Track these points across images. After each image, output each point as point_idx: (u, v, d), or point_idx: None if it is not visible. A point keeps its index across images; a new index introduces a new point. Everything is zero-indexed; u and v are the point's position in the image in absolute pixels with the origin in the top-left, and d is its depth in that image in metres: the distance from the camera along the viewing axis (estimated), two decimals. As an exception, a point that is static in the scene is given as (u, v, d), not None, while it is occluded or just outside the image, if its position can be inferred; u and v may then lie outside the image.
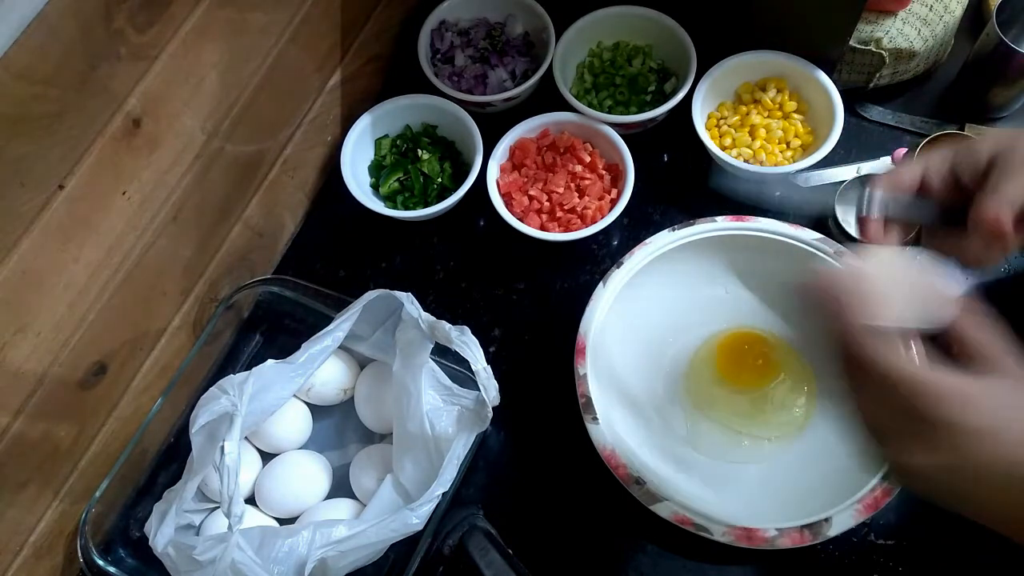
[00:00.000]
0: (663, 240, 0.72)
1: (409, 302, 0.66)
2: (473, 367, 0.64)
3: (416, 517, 0.61)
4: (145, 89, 0.62)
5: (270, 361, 0.66)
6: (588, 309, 0.71)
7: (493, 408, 0.67)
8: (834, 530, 0.60)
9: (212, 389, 0.63)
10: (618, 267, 0.72)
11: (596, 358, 0.69)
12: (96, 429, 0.70)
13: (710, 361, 0.74)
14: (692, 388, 0.74)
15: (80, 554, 0.67)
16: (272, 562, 0.60)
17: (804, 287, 0.48)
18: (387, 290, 0.68)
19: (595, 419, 0.66)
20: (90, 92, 0.57)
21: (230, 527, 0.58)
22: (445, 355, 0.70)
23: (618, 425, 0.68)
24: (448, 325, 0.64)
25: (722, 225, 0.72)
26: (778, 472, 0.69)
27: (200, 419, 0.61)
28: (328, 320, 0.69)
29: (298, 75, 0.79)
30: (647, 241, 0.73)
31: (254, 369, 0.65)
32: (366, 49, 0.88)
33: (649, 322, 0.74)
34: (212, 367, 0.78)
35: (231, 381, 0.63)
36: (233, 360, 0.79)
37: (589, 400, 0.67)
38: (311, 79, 0.82)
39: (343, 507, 0.70)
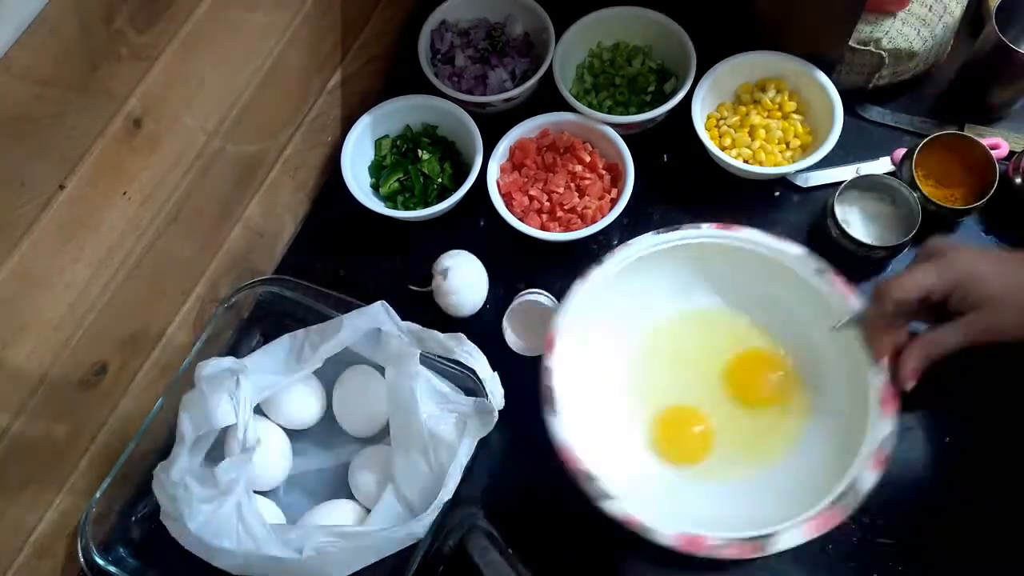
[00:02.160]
0: (646, 243, 0.72)
1: (385, 315, 0.65)
2: (480, 375, 0.64)
3: (421, 527, 0.62)
4: (145, 89, 0.62)
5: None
6: (563, 303, 0.71)
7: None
8: (780, 546, 0.59)
9: (209, 362, 0.66)
10: (598, 265, 0.72)
11: (566, 353, 0.69)
12: (96, 429, 0.70)
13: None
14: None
15: (80, 554, 0.67)
16: (275, 543, 0.61)
17: None
18: (360, 307, 0.67)
19: (555, 412, 0.66)
20: (90, 92, 0.57)
21: (244, 450, 0.60)
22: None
23: (580, 421, 0.68)
24: (442, 335, 0.64)
25: (706, 232, 0.72)
26: (733, 484, 0.69)
27: (206, 369, 0.64)
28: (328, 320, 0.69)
29: (298, 75, 0.79)
30: (630, 242, 0.72)
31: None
32: (366, 49, 0.88)
33: (623, 323, 0.75)
34: (212, 367, 0.78)
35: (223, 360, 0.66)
36: (233, 360, 0.79)
37: (552, 393, 0.67)
38: (311, 79, 0.82)
39: (345, 508, 0.70)
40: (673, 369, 0.74)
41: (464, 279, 0.76)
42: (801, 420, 0.70)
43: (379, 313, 0.66)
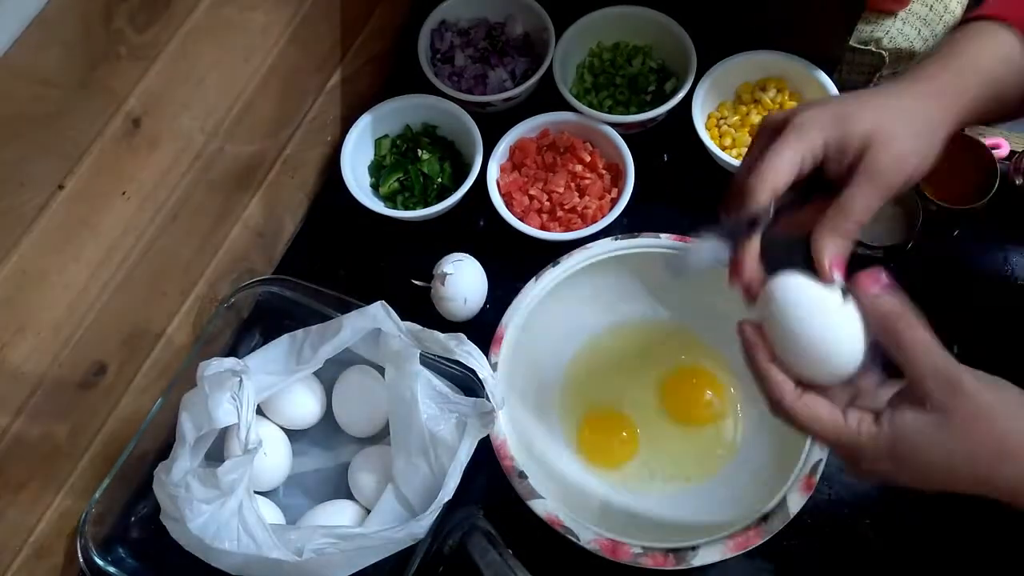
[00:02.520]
0: (603, 248, 0.72)
1: (385, 315, 0.65)
2: (480, 375, 0.64)
3: (421, 528, 0.62)
4: (145, 89, 0.61)
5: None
6: (515, 301, 0.71)
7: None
8: (699, 560, 0.60)
9: (210, 363, 0.65)
10: (554, 266, 0.72)
11: (512, 351, 0.70)
12: (96, 429, 0.70)
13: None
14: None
15: (80, 554, 0.67)
16: (275, 544, 0.61)
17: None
18: (360, 307, 0.67)
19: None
20: (90, 92, 0.57)
21: (247, 451, 0.60)
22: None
23: (519, 419, 0.68)
24: (442, 335, 0.64)
25: (665, 243, 0.72)
26: (660, 495, 0.70)
27: (208, 369, 0.64)
28: (328, 321, 0.69)
29: (298, 75, 0.79)
30: (588, 246, 0.73)
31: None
32: (366, 49, 0.88)
33: (570, 324, 0.75)
34: (212, 367, 0.78)
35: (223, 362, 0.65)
36: (233, 360, 0.79)
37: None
38: (311, 79, 0.82)
39: (345, 509, 0.70)
40: (611, 375, 0.75)
41: (462, 286, 0.76)
42: (735, 441, 0.70)
43: (379, 313, 0.66)
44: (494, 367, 0.68)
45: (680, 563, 0.60)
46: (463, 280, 0.76)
